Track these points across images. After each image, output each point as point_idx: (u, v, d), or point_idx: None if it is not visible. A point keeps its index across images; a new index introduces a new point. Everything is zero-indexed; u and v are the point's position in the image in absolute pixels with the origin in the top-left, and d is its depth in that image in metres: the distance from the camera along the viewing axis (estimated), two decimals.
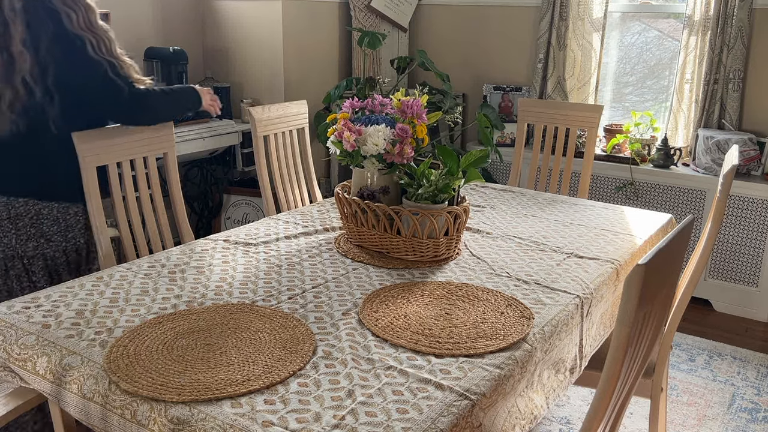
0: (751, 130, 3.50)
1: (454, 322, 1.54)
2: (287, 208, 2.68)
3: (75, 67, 1.96)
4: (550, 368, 1.57)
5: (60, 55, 1.94)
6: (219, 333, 1.46)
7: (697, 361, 2.99)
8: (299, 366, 1.33)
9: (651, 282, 1.12)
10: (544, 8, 3.89)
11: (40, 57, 1.93)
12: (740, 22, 3.36)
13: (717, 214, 1.87)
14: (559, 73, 3.93)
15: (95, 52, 1.97)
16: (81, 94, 1.99)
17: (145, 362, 1.33)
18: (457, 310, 1.60)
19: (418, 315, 1.56)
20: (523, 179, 3.75)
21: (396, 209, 1.88)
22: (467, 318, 1.56)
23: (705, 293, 3.52)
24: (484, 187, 2.76)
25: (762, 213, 3.31)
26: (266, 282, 1.74)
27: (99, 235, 2.03)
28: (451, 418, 1.19)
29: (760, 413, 2.61)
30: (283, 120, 2.71)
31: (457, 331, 1.49)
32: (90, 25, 1.98)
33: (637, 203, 3.60)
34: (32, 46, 1.92)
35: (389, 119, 1.96)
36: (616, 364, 1.15)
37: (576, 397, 2.70)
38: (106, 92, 2.00)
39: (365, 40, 3.69)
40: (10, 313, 1.53)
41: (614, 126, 3.84)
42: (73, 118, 2.01)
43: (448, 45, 4.39)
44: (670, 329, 1.94)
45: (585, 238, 2.15)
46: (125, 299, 1.62)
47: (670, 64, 3.82)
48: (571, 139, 2.94)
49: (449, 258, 1.94)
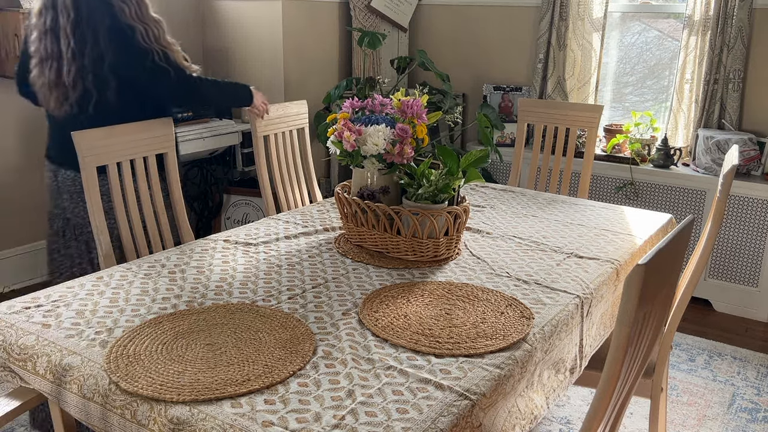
0: (751, 130, 3.50)
1: (454, 322, 1.54)
2: (287, 208, 2.68)
3: (127, 54, 2.16)
4: (550, 368, 1.57)
5: (114, 45, 2.15)
6: (219, 333, 1.46)
7: (697, 361, 2.99)
8: (299, 366, 1.33)
9: (651, 282, 1.12)
10: (544, 8, 3.89)
11: (97, 46, 2.15)
12: (740, 22, 3.36)
13: (717, 214, 1.87)
14: (559, 73, 3.93)
15: (144, 41, 2.16)
16: (133, 79, 2.20)
17: (145, 362, 1.33)
18: (457, 310, 1.60)
19: (418, 315, 1.56)
20: (523, 179, 3.75)
21: (396, 209, 1.88)
22: (467, 318, 1.56)
23: (705, 293, 3.52)
24: (484, 187, 2.76)
25: (762, 213, 3.31)
26: (266, 282, 1.74)
27: (99, 235, 2.03)
28: (451, 418, 1.19)
29: (760, 413, 2.61)
30: (283, 120, 2.71)
31: (457, 331, 1.49)
32: (141, 15, 2.19)
33: (637, 203, 3.60)
34: (91, 36, 2.15)
35: (389, 119, 1.96)
36: (616, 364, 1.15)
37: (576, 397, 2.70)
38: (154, 77, 2.19)
39: (365, 40, 3.69)
40: (10, 313, 1.53)
41: (614, 126, 3.84)
42: (128, 102, 2.22)
43: (448, 45, 4.39)
44: (670, 329, 1.94)
45: (585, 238, 2.15)
46: (125, 299, 1.62)
47: (670, 64, 3.82)
48: (571, 139, 2.94)
49: (449, 258, 1.94)
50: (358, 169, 2.00)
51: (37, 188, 3.57)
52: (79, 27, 2.16)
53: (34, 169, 3.55)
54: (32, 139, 3.50)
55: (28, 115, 3.47)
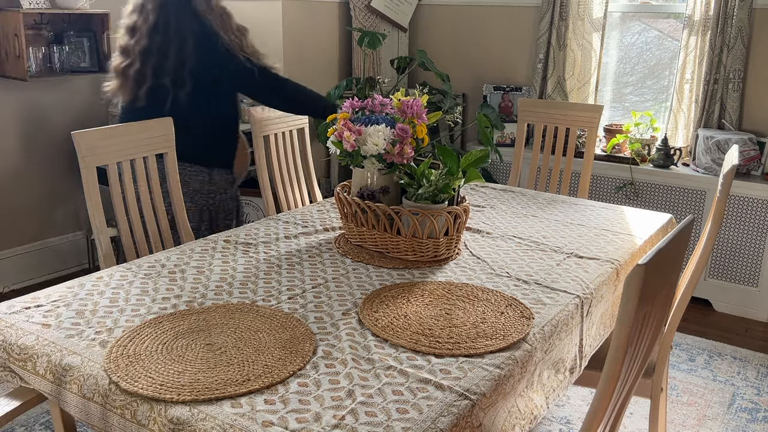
0: (751, 130, 3.50)
1: (454, 322, 1.54)
2: (287, 208, 2.68)
3: (211, 59, 2.43)
4: (550, 368, 1.57)
5: (198, 51, 2.40)
6: (219, 333, 1.46)
7: (697, 361, 2.99)
8: (299, 366, 1.33)
9: (651, 282, 1.12)
10: (544, 8, 3.89)
11: (182, 53, 2.39)
12: (740, 22, 3.36)
13: (717, 214, 1.87)
14: (559, 73, 3.93)
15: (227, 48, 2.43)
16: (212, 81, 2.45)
17: (145, 362, 1.33)
18: (457, 310, 1.60)
19: (418, 315, 1.56)
20: (523, 179, 3.75)
21: (396, 209, 1.88)
22: (467, 318, 1.56)
23: (705, 293, 3.52)
24: (484, 187, 2.76)
25: (762, 213, 3.31)
26: (266, 282, 1.74)
27: (99, 235, 2.03)
28: (451, 418, 1.19)
29: (760, 413, 2.61)
30: (283, 120, 2.71)
31: (457, 331, 1.49)
32: (225, 25, 2.48)
33: (637, 203, 3.60)
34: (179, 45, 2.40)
35: (389, 119, 1.96)
36: (616, 364, 1.15)
37: (576, 397, 2.70)
38: (238, 78, 2.47)
39: (365, 40, 3.69)
40: (10, 313, 1.53)
41: (614, 126, 3.84)
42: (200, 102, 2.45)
43: (448, 45, 4.39)
44: (670, 329, 1.94)
45: (585, 238, 2.15)
46: (125, 299, 1.62)
47: (670, 64, 3.82)
48: (571, 139, 2.94)
49: (449, 258, 1.94)
50: (358, 169, 2.00)
51: (38, 188, 3.58)
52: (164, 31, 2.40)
53: (34, 169, 3.55)
54: (32, 139, 3.51)
55: (29, 115, 3.47)
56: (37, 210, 3.61)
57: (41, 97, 3.50)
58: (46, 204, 3.63)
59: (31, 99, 3.46)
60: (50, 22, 3.40)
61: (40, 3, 3.26)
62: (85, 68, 3.51)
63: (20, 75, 3.20)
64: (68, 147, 3.59)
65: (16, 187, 3.49)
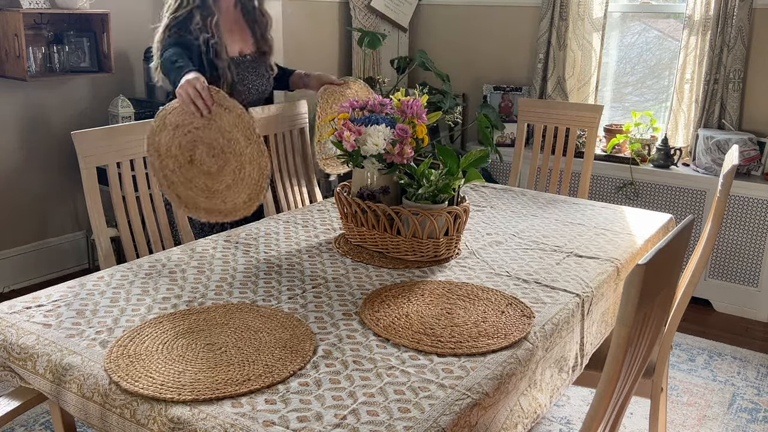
0: (751, 130, 3.50)
1: (456, 321, 1.54)
2: (287, 208, 2.68)
3: None
4: (552, 366, 1.57)
5: None
6: (219, 333, 1.46)
7: (697, 361, 2.99)
8: (300, 366, 1.33)
9: (651, 282, 1.12)
10: (544, 8, 3.89)
11: None
12: (740, 22, 3.36)
13: (717, 214, 1.87)
14: (559, 73, 3.93)
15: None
16: None
17: (145, 362, 1.33)
18: (458, 310, 1.60)
19: (419, 314, 1.56)
20: (523, 179, 3.75)
21: (396, 209, 1.88)
22: (468, 317, 1.56)
23: (705, 293, 3.52)
24: (484, 187, 2.76)
25: (762, 213, 3.31)
26: (266, 282, 1.74)
27: (99, 235, 2.03)
28: (453, 417, 1.19)
29: (760, 413, 2.61)
30: (283, 120, 2.71)
31: (458, 330, 1.49)
32: None
33: (637, 203, 3.60)
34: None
35: (389, 119, 1.96)
36: (616, 364, 1.15)
37: (576, 397, 2.70)
38: None
39: (365, 40, 3.69)
40: (10, 313, 1.53)
41: (614, 126, 3.84)
42: None
43: (448, 45, 4.38)
44: (670, 329, 1.94)
45: (585, 238, 2.15)
46: (125, 299, 1.62)
47: (670, 64, 3.82)
48: (571, 139, 2.94)
49: (449, 258, 1.94)
50: (358, 169, 2.00)
51: (37, 188, 3.58)
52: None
53: (34, 169, 3.55)
54: (32, 139, 3.51)
55: (28, 115, 3.47)
56: (37, 210, 3.60)
57: (41, 97, 3.50)
58: (46, 204, 3.63)
59: (31, 99, 3.46)
60: (50, 22, 3.40)
61: (40, 3, 3.26)
62: (85, 68, 3.51)
63: (20, 75, 3.20)
64: (68, 147, 3.58)
65: (16, 187, 3.49)
